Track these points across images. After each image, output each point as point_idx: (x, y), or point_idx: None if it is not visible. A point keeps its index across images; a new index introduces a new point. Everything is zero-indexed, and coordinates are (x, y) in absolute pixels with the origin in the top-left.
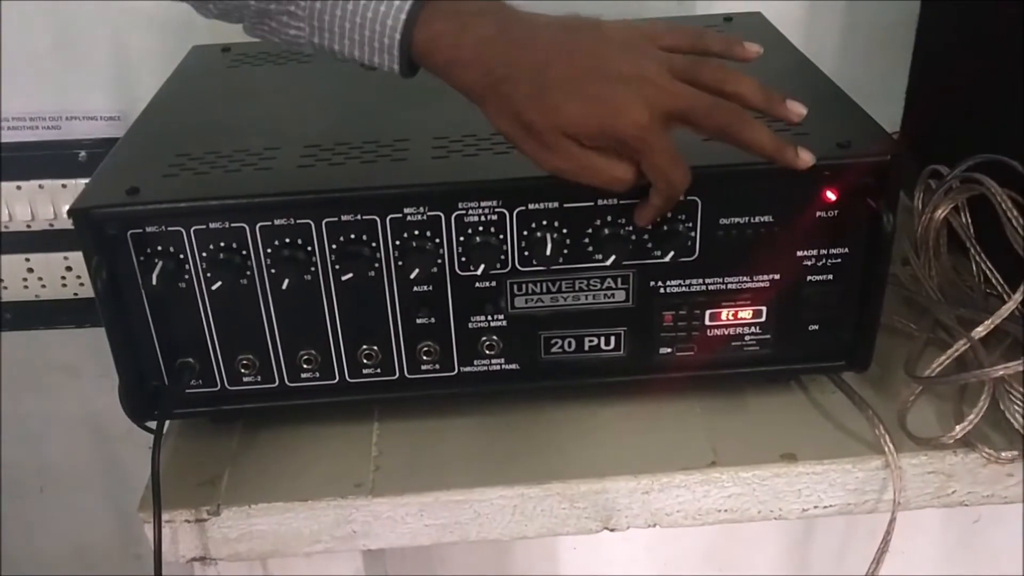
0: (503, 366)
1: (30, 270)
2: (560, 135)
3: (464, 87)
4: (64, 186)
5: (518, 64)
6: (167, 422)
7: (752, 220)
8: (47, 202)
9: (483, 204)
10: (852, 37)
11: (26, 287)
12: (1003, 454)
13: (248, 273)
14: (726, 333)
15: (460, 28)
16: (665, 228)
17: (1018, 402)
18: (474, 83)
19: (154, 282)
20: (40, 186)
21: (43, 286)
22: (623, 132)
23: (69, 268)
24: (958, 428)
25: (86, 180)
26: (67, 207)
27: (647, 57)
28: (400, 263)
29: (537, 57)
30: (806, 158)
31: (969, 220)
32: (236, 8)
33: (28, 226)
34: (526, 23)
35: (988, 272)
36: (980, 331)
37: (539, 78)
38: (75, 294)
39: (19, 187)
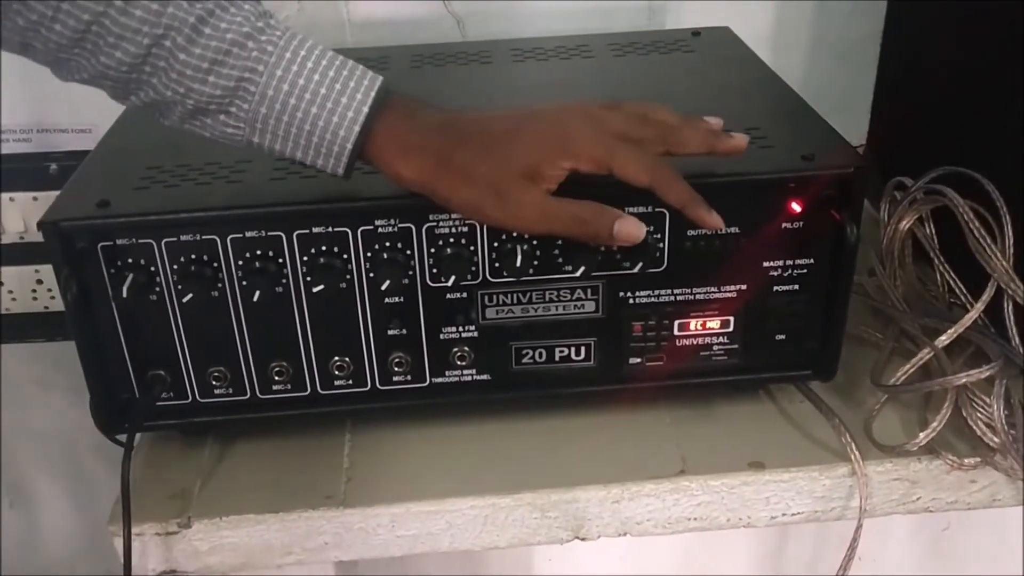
0: (474, 377)
1: (0, 283)
2: (522, 180)
3: (411, 176)
4: (35, 199)
5: (461, 136)
6: (137, 435)
7: (719, 231)
8: (18, 215)
9: (454, 216)
10: (818, 52)
11: None
12: (966, 461)
13: (219, 285)
14: (694, 343)
15: (408, 128)
16: None
17: (980, 409)
18: (421, 167)
19: (124, 295)
20: (11, 199)
21: (13, 299)
22: (581, 147)
23: (40, 281)
24: (922, 435)
25: (57, 192)
26: (38, 220)
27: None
28: (371, 275)
29: (479, 126)
30: (740, 141)
31: (933, 231)
32: (166, 103)
33: None
34: (469, 114)
35: (951, 282)
36: (944, 340)
37: (484, 137)
38: (46, 307)
39: None
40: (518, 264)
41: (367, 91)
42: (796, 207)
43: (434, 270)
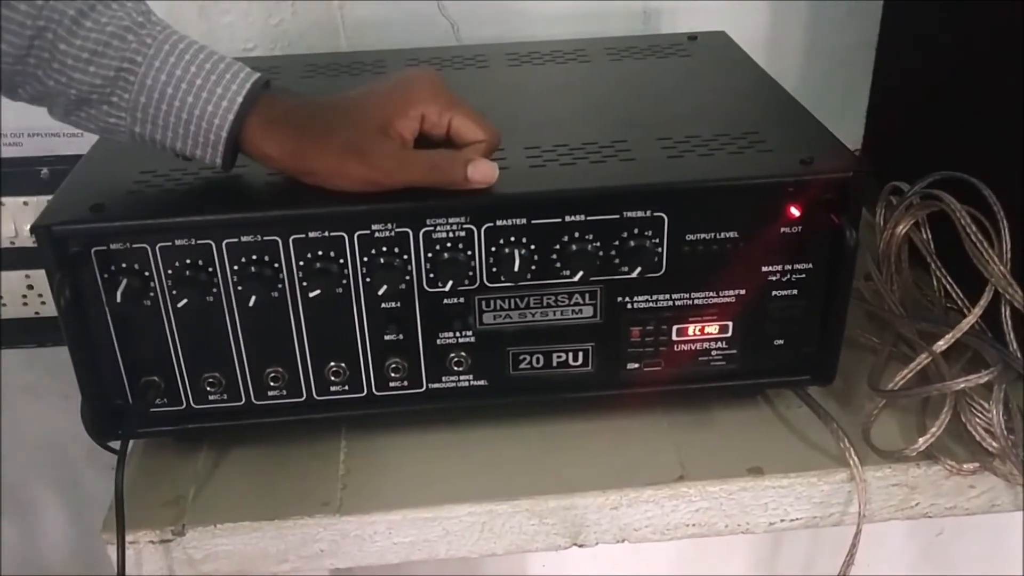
0: (471, 382)
1: None
2: (378, 135)
3: (276, 153)
4: (26, 203)
5: (320, 108)
6: (131, 441)
7: (718, 236)
8: (8, 220)
9: (451, 220)
10: (815, 56)
11: None
12: (965, 466)
13: (214, 290)
14: (693, 348)
15: (273, 111)
16: (632, 244)
17: (979, 414)
18: (283, 143)
19: (118, 300)
20: (1, 203)
21: (4, 305)
22: (426, 96)
23: (30, 287)
24: (921, 441)
25: (48, 197)
26: (29, 225)
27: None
28: (368, 280)
29: (334, 99)
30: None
31: (929, 236)
32: (50, 95)
33: None
34: (329, 95)
35: (948, 287)
36: (941, 345)
37: (340, 105)
38: (36, 313)
39: None
40: (516, 269)
41: (242, 83)
42: (795, 211)
43: (431, 275)
